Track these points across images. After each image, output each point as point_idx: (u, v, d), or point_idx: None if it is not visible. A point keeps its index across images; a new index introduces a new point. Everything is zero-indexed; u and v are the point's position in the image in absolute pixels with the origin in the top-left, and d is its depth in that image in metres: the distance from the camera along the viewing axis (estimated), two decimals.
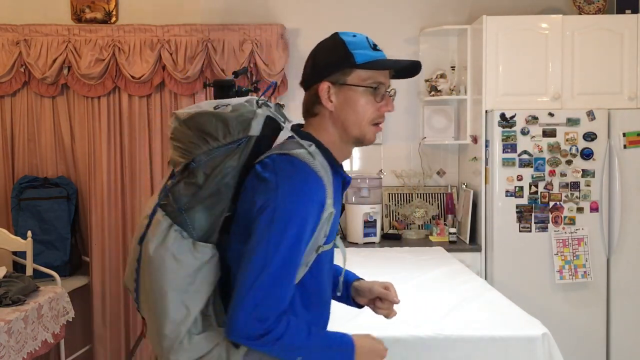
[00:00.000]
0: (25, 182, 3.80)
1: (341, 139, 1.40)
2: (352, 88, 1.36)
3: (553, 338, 1.97)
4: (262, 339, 1.24)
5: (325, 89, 1.38)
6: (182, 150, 1.39)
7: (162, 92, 3.92)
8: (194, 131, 1.37)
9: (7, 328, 2.44)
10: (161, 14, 3.97)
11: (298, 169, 1.29)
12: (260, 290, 1.23)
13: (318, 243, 1.32)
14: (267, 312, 1.24)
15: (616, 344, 3.55)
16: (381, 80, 1.37)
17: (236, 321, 1.24)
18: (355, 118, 1.37)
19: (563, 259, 3.52)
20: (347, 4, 4.04)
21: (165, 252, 1.29)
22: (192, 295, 1.29)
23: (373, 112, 1.38)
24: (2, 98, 3.91)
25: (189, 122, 1.38)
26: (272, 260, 1.24)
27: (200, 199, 1.31)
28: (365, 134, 1.39)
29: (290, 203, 1.25)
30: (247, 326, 1.23)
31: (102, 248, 3.90)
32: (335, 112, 1.38)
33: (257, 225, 1.26)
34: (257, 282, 1.24)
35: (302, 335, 1.29)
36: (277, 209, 1.25)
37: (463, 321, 2.08)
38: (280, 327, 1.25)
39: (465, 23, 3.94)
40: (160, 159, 3.92)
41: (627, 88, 3.58)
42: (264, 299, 1.23)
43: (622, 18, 3.62)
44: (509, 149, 3.53)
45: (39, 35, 3.82)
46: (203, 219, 1.31)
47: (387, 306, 1.55)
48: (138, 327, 3.90)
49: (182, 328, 1.29)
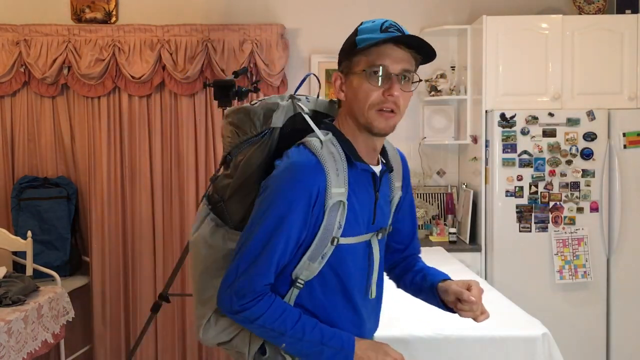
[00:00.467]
0: (25, 182, 3.80)
1: (358, 129, 1.35)
2: (355, 74, 1.32)
3: (553, 338, 1.97)
4: (239, 314, 1.28)
5: (337, 81, 1.37)
6: (224, 144, 1.46)
7: (162, 92, 3.92)
8: (230, 126, 1.43)
9: (7, 328, 2.44)
10: (161, 14, 3.97)
11: (300, 154, 1.29)
12: (239, 265, 1.28)
13: (332, 234, 1.30)
14: (243, 288, 1.27)
15: (616, 344, 3.55)
16: (382, 63, 1.29)
17: (218, 292, 1.31)
18: (358, 105, 1.32)
19: (563, 259, 3.52)
20: (347, 4, 4.04)
21: (200, 237, 1.40)
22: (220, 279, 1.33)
23: (375, 97, 1.30)
24: (2, 98, 3.91)
25: (227, 117, 1.45)
26: (251, 238, 1.28)
27: (233, 190, 1.37)
28: (371, 122, 1.31)
29: (278, 184, 1.27)
30: (225, 299, 1.29)
31: (102, 248, 3.90)
32: (347, 102, 1.36)
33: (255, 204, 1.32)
34: (236, 257, 1.29)
35: (287, 321, 1.28)
36: (267, 190, 1.29)
37: (463, 321, 2.08)
38: (258, 308, 1.27)
39: (465, 23, 3.94)
40: (160, 159, 3.92)
41: (627, 88, 3.58)
42: (242, 275, 1.27)
43: (622, 18, 3.62)
44: (509, 149, 3.53)
45: (39, 35, 3.82)
46: (237, 209, 1.37)
47: (468, 307, 1.39)
48: (138, 327, 3.90)
49: (208, 309, 1.38)
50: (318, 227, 1.29)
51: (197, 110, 3.90)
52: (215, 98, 2.92)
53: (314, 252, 1.30)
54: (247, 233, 1.29)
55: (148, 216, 3.92)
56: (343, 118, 1.38)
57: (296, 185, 1.26)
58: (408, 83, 1.32)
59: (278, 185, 1.27)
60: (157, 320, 3.90)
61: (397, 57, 1.29)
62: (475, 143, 3.76)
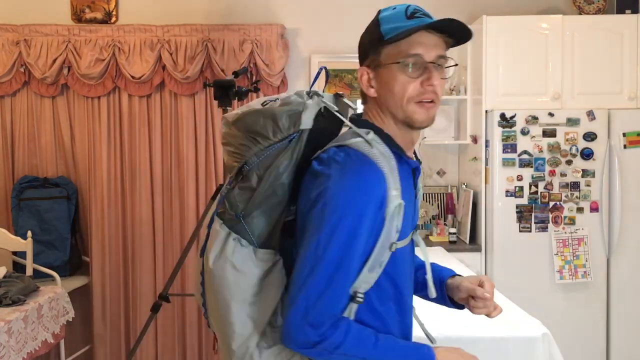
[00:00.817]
0: (25, 182, 3.80)
1: (395, 124, 1.26)
2: (385, 67, 1.23)
3: (553, 338, 1.97)
4: (318, 347, 1.13)
5: (364, 75, 1.28)
6: (234, 154, 1.28)
7: (162, 92, 3.92)
8: (243, 132, 1.26)
9: (7, 328, 2.44)
10: (161, 14, 3.97)
11: (354, 159, 1.18)
12: (311, 292, 1.13)
13: (390, 240, 1.19)
14: (320, 317, 1.13)
15: (616, 344, 3.55)
16: (417, 52, 1.20)
17: (288, 327, 1.14)
18: (394, 99, 1.23)
19: (563, 259, 3.52)
20: (346, 4, 4.04)
21: (224, 263, 1.22)
22: (257, 307, 1.21)
23: (413, 89, 1.21)
24: (2, 98, 3.91)
25: (238, 123, 1.27)
26: (323, 259, 1.13)
27: (256, 203, 1.22)
28: (412, 115, 1.23)
29: (344, 196, 1.14)
30: (299, 333, 1.13)
31: (102, 248, 3.90)
32: (378, 97, 1.26)
33: (309, 221, 1.17)
34: (307, 283, 1.13)
35: (367, 344, 1.16)
36: (328, 203, 1.15)
37: (463, 321, 2.08)
38: (338, 334, 1.14)
39: (465, 23, 3.94)
40: (160, 159, 3.92)
41: (627, 88, 3.58)
42: (317, 301, 1.12)
43: (622, 18, 3.62)
44: (509, 149, 3.53)
45: (39, 35, 3.82)
46: (262, 224, 1.23)
47: (482, 304, 1.35)
48: (138, 327, 3.90)
49: (250, 343, 1.21)
50: (379, 234, 1.17)
51: (197, 110, 3.90)
52: (215, 98, 2.92)
53: (373, 262, 1.18)
54: (314, 255, 1.14)
55: (148, 216, 3.91)
56: (375, 113, 1.28)
57: (364, 194, 1.15)
58: (442, 69, 1.25)
59: (343, 197, 1.14)
60: (157, 320, 3.91)
61: (431, 44, 1.22)
62: (475, 143, 3.76)
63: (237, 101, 3.11)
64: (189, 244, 3.02)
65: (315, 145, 1.25)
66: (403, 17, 1.21)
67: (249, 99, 3.91)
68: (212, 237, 1.26)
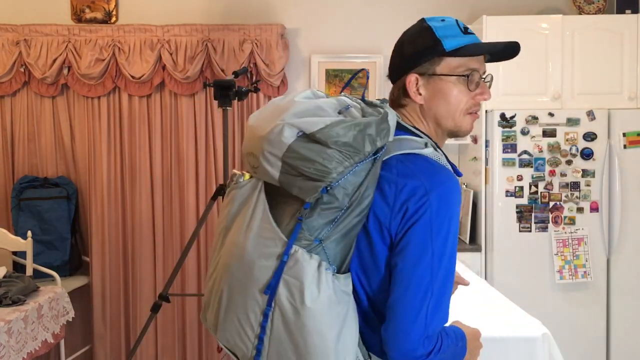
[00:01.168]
0: (25, 182, 3.80)
1: (436, 132, 1.30)
2: (442, 78, 1.26)
3: (553, 338, 1.97)
4: (429, 356, 1.14)
5: (413, 82, 1.28)
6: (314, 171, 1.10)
7: (162, 92, 3.92)
8: (333, 146, 1.10)
9: (7, 328, 2.44)
10: (161, 14, 3.97)
11: (438, 168, 1.19)
12: (429, 307, 1.12)
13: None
14: (436, 328, 1.15)
15: (616, 344, 3.55)
16: (474, 67, 1.27)
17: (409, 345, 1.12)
18: (448, 110, 1.27)
19: (563, 259, 3.52)
20: (346, 4, 4.04)
21: (324, 298, 1.09)
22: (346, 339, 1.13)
23: (467, 101, 1.27)
24: (2, 98, 3.91)
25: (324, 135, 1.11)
26: (439, 273, 1.13)
27: (342, 224, 1.13)
28: (461, 125, 1.28)
29: (447, 208, 1.15)
30: (419, 347, 1.12)
31: (102, 248, 3.90)
32: (425, 104, 1.28)
33: (413, 236, 1.13)
34: (426, 300, 1.12)
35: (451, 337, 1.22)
36: (435, 216, 1.13)
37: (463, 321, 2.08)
38: (444, 344, 1.17)
39: (465, 23, 3.93)
40: (160, 159, 3.92)
41: (627, 88, 3.58)
42: (434, 315, 1.13)
43: (622, 18, 3.62)
44: (509, 149, 3.53)
45: (39, 35, 3.82)
46: (340, 247, 1.14)
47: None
48: (138, 327, 3.90)
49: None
50: None
51: (197, 110, 3.90)
52: (215, 98, 2.92)
53: None
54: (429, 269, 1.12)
55: (148, 216, 3.92)
56: (416, 119, 1.30)
57: (458, 203, 1.19)
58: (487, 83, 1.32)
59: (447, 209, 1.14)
60: (157, 320, 3.91)
61: (481, 60, 1.29)
62: (475, 143, 3.76)
63: (237, 101, 3.11)
64: (189, 244, 3.02)
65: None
66: (460, 32, 1.27)
67: (249, 99, 3.91)
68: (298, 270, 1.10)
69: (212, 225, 3.89)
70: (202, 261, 3.92)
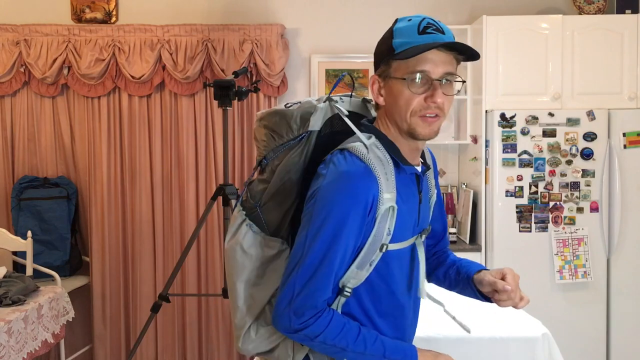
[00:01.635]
0: (25, 182, 3.80)
1: (399, 133, 1.32)
2: (393, 80, 1.29)
3: (553, 338, 1.97)
4: (299, 333, 1.24)
5: (375, 84, 1.34)
6: (258, 149, 1.42)
7: (162, 92, 3.92)
8: (265, 129, 1.39)
9: (7, 328, 2.44)
10: (161, 14, 3.97)
11: (348, 161, 1.25)
12: (296, 282, 1.23)
13: (381, 241, 1.26)
14: (302, 307, 1.22)
15: (616, 344, 3.55)
16: (423, 69, 1.25)
17: (275, 311, 1.25)
18: (399, 112, 1.29)
19: (563, 259, 3.52)
20: (346, 4, 4.04)
21: (235, 244, 1.35)
22: (259, 288, 1.32)
23: (417, 104, 1.26)
24: (2, 98, 3.91)
25: (262, 121, 1.41)
26: (308, 253, 1.22)
27: (270, 195, 1.34)
28: (415, 128, 1.28)
29: (332, 197, 1.22)
30: (284, 318, 1.24)
31: (102, 248, 3.90)
32: (386, 106, 1.32)
33: (303, 217, 1.27)
34: (292, 274, 1.24)
35: (348, 336, 1.25)
36: (318, 201, 1.23)
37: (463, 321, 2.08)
38: (319, 324, 1.23)
39: (465, 23, 3.94)
40: (160, 159, 3.92)
41: (627, 88, 3.58)
42: (299, 292, 1.22)
43: (622, 18, 3.62)
44: (509, 149, 3.53)
45: (39, 35, 3.82)
46: (274, 215, 1.34)
47: (506, 297, 1.37)
48: (138, 327, 3.90)
49: (248, 318, 1.33)
50: (368, 235, 1.25)
51: (197, 110, 3.90)
52: (216, 98, 2.92)
53: (362, 260, 1.26)
54: (302, 248, 1.24)
55: (148, 216, 3.92)
56: (383, 120, 1.34)
57: (351, 196, 1.22)
58: (450, 85, 1.29)
59: (331, 197, 1.22)
60: (157, 320, 3.91)
61: (438, 61, 1.25)
62: (475, 143, 3.76)
63: (237, 101, 3.11)
64: (189, 244, 3.02)
65: (328, 147, 1.33)
66: (415, 32, 1.26)
67: (249, 99, 3.92)
68: (231, 222, 1.40)
69: (212, 225, 3.89)
70: (202, 261, 3.92)
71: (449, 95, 1.28)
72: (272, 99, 3.91)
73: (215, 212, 3.81)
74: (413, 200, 1.35)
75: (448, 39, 1.26)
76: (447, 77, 1.27)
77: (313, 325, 1.23)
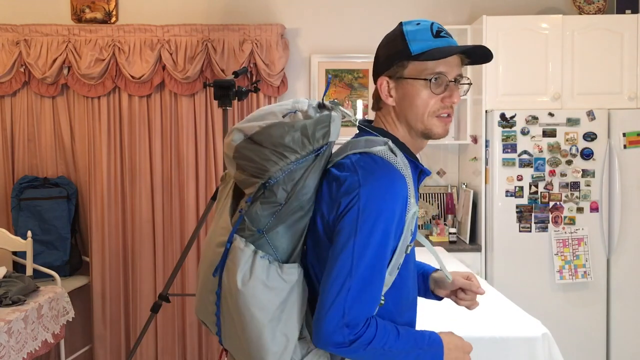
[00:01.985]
0: (25, 182, 3.80)
1: (409, 134, 1.34)
2: (409, 81, 1.30)
3: (553, 338, 1.97)
4: (353, 345, 1.19)
5: (384, 84, 1.34)
6: (254, 169, 1.23)
7: (162, 92, 3.92)
8: (269, 146, 1.22)
9: (7, 328, 2.44)
10: (161, 14, 3.97)
11: (381, 166, 1.23)
12: (349, 295, 1.18)
13: (407, 243, 1.27)
14: (356, 318, 1.19)
15: (616, 344, 3.55)
16: (441, 70, 1.28)
17: (325, 329, 1.18)
18: (416, 112, 1.31)
19: (563, 259, 3.52)
20: (346, 4, 4.04)
21: (256, 282, 1.19)
22: (288, 322, 1.22)
23: (434, 104, 1.30)
24: (2, 98, 3.91)
25: (261, 137, 1.23)
26: (360, 263, 1.18)
27: (282, 218, 1.22)
28: (431, 129, 1.32)
29: (376, 202, 1.19)
30: (336, 334, 1.18)
31: (102, 248, 3.90)
32: (397, 107, 1.33)
33: (341, 227, 1.20)
34: (344, 287, 1.18)
35: (391, 336, 1.23)
36: (362, 209, 1.18)
37: (463, 321, 2.08)
38: (370, 331, 1.20)
39: (465, 23, 3.94)
40: (160, 159, 3.92)
41: (627, 88, 3.58)
42: (353, 304, 1.18)
43: (622, 18, 3.62)
44: (509, 149, 3.53)
45: (39, 35, 3.82)
46: (285, 238, 1.24)
47: (470, 297, 1.49)
48: (138, 327, 3.90)
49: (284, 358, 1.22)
50: (399, 239, 1.23)
51: (197, 110, 3.90)
52: (216, 98, 2.92)
53: (393, 265, 1.24)
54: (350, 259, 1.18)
55: (148, 216, 3.92)
56: (390, 121, 1.36)
57: (393, 199, 1.20)
58: (460, 86, 1.34)
59: (377, 204, 1.18)
60: (157, 320, 3.91)
61: (453, 63, 1.30)
62: (475, 143, 3.76)
63: (237, 101, 3.11)
64: (189, 244, 3.02)
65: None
66: (430, 36, 1.28)
67: (249, 99, 3.91)
68: (235, 256, 1.21)
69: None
70: None
71: (460, 95, 1.33)
72: (272, 99, 3.91)
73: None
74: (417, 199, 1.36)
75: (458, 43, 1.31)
76: (459, 78, 1.32)
77: (365, 333, 1.19)
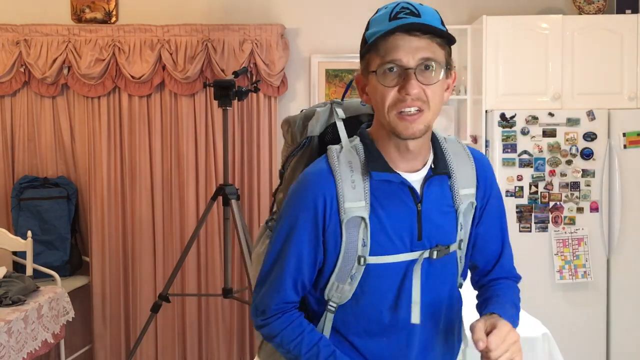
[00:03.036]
0: (25, 182, 3.80)
1: (387, 134, 1.18)
2: (371, 75, 1.15)
3: (553, 338, 1.97)
4: (261, 330, 1.28)
5: (360, 82, 1.22)
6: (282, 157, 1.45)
7: (162, 92, 3.92)
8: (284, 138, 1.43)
9: (7, 328, 2.44)
10: (161, 14, 3.96)
11: (314, 164, 1.24)
12: (259, 284, 1.28)
13: (356, 252, 1.17)
14: (261, 304, 1.27)
15: (616, 344, 3.55)
16: (396, 58, 1.09)
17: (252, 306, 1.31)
18: (378, 109, 1.16)
19: (563, 259, 3.52)
20: (346, 4, 4.04)
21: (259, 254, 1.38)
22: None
23: (392, 98, 1.11)
24: (2, 98, 3.91)
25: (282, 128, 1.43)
26: (267, 257, 1.27)
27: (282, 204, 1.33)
28: (395, 127, 1.13)
29: (287, 199, 1.25)
30: (253, 312, 1.29)
31: (102, 248, 3.90)
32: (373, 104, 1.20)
33: None
34: (258, 276, 1.29)
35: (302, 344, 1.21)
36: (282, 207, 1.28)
37: (463, 321, 2.08)
38: (276, 325, 1.24)
39: (465, 23, 3.94)
40: (160, 159, 3.92)
41: (627, 88, 3.58)
42: (264, 293, 1.26)
43: (622, 18, 3.62)
44: (509, 149, 3.53)
45: (39, 35, 3.82)
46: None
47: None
48: (138, 327, 3.90)
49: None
50: (340, 244, 1.18)
51: (197, 110, 3.90)
52: (216, 98, 2.93)
53: (340, 272, 1.20)
54: (266, 252, 1.28)
55: (148, 216, 3.91)
56: (374, 121, 1.23)
57: (301, 198, 1.20)
58: (430, 72, 1.11)
59: (286, 200, 1.25)
60: (157, 320, 3.90)
61: (412, 47, 1.09)
62: (475, 143, 3.76)
63: (237, 101, 3.11)
64: (189, 244, 3.02)
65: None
66: (386, 19, 1.11)
67: (249, 99, 3.92)
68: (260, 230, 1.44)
69: (212, 225, 3.89)
70: (202, 261, 3.92)
71: (429, 84, 1.11)
72: (272, 99, 3.91)
73: (215, 212, 3.81)
74: (405, 210, 1.19)
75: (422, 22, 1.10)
76: (425, 63, 1.10)
77: (272, 324, 1.25)
